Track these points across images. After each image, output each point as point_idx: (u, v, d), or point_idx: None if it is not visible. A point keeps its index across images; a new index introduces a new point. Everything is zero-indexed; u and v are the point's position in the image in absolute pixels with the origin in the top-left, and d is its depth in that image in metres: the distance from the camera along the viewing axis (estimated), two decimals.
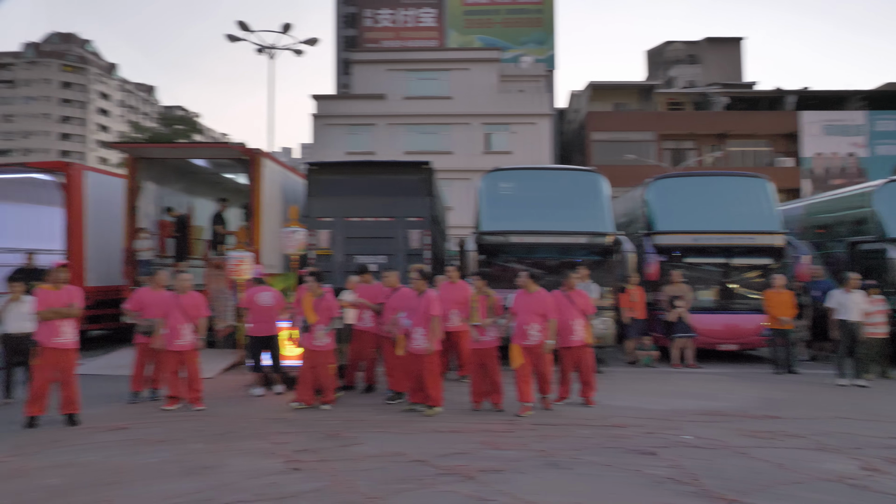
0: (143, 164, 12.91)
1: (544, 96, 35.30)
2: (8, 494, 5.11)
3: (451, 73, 33.99)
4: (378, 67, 34.93)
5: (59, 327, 7.49)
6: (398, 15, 44.57)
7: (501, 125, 33.50)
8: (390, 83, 34.12)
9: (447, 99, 33.74)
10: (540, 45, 45.57)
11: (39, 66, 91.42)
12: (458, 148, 32.92)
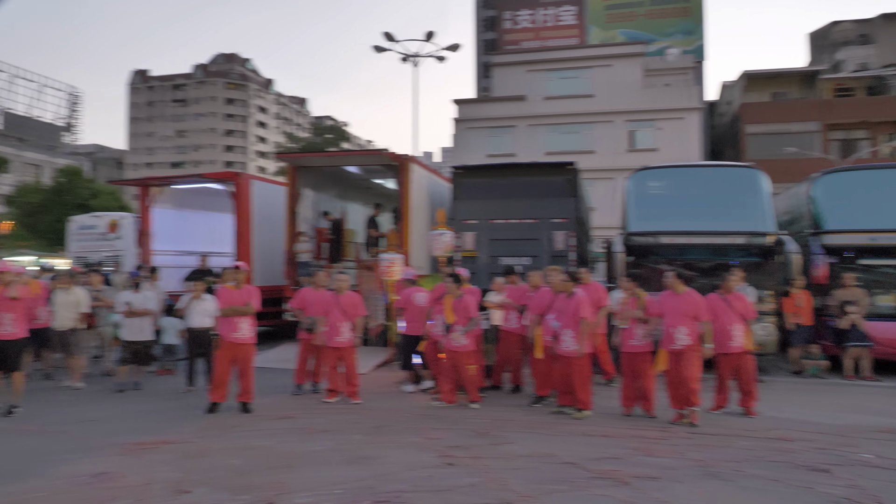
0: (303, 172, 13.82)
1: (693, 89, 33.69)
2: (197, 471, 5.69)
3: (593, 70, 33.35)
4: (518, 69, 34.99)
5: (237, 323, 8.23)
6: (537, 15, 44.38)
7: (646, 122, 32.39)
8: (530, 84, 34.07)
9: (589, 97, 33.14)
10: (687, 35, 43.57)
11: (207, 86, 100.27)
12: (601, 147, 32.22)
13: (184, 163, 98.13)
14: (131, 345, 9.65)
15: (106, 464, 5.86)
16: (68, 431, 7.07)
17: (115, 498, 5.01)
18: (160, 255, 14.89)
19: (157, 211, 14.99)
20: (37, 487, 5.25)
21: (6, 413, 7.70)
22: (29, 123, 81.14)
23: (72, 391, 9.38)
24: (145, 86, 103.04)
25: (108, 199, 37.81)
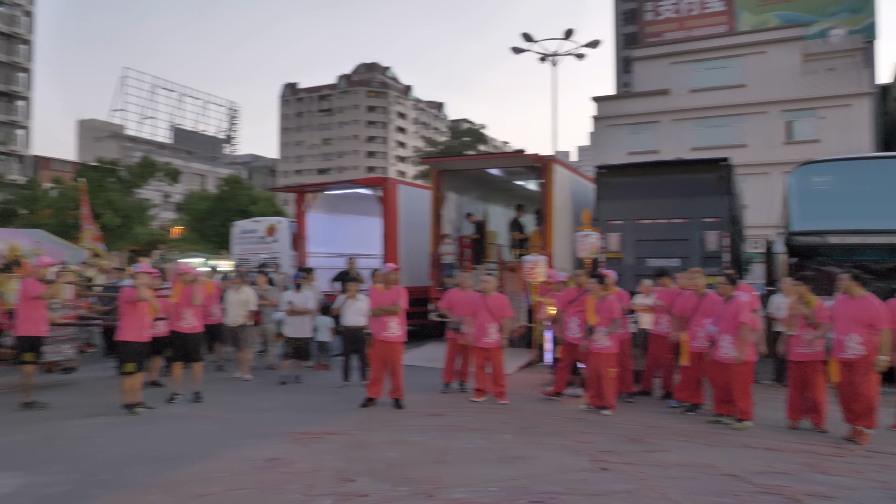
0: (446, 175, 14.14)
1: (862, 73, 30.67)
2: (359, 461, 6.00)
3: (744, 58, 31.35)
4: (661, 62, 33.65)
5: (386, 322, 8.59)
6: (682, 4, 42.41)
7: (806, 111, 29.95)
8: (674, 77, 32.65)
9: (740, 87, 31.19)
10: (854, 13, 39.78)
11: (350, 95, 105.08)
12: (753, 140, 30.22)
13: (329, 169, 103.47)
14: (292, 341, 10.36)
15: (277, 450, 6.34)
16: (242, 419, 7.70)
17: (287, 482, 5.40)
18: (313, 257, 15.81)
19: (311, 215, 15.93)
20: (218, 468, 5.77)
21: (169, 399, 8.54)
22: (195, 137, 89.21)
23: (241, 382, 10.20)
24: (294, 98, 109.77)
25: (266, 205, 40.67)
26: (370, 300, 8.84)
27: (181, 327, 8.49)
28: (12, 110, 59.71)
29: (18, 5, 60.34)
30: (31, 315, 8.05)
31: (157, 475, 5.55)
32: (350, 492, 5.18)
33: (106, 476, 5.52)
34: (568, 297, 9.19)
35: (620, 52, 48.73)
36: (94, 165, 39.79)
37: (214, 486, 5.27)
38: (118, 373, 7.86)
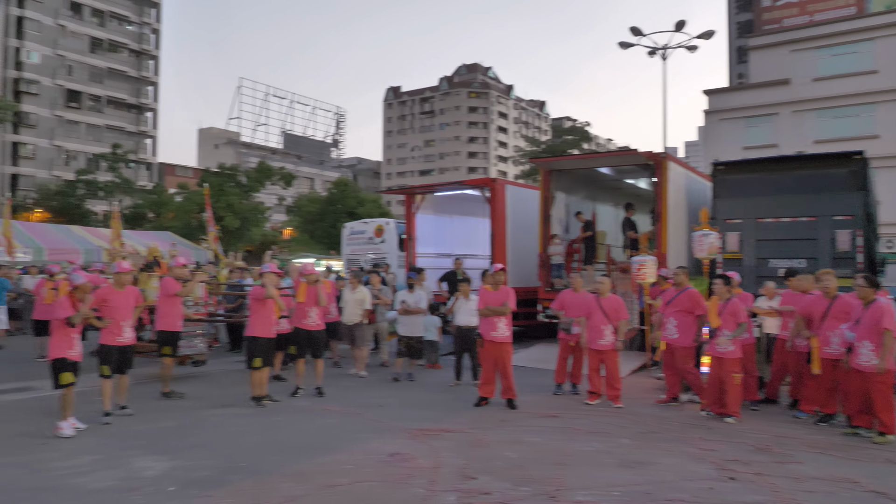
0: (555, 175, 14.02)
1: None
2: (478, 460, 6.07)
3: (876, 42, 29.07)
4: (780, 50, 31.81)
5: (495, 323, 8.63)
6: None
7: None
8: (795, 65, 30.76)
9: (871, 74, 28.96)
10: None
11: (451, 96, 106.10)
12: (887, 131, 27.98)
13: (431, 170, 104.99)
14: (405, 339, 10.60)
15: (397, 445, 6.51)
16: (361, 414, 7.96)
17: (410, 476, 5.54)
18: (421, 257, 16.10)
19: (419, 216, 16.22)
20: (343, 461, 6.00)
21: (293, 393, 8.92)
22: (304, 142, 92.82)
23: (357, 378, 10.54)
24: (397, 101, 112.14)
25: (372, 207, 41.90)
26: (479, 300, 8.92)
27: (307, 325, 8.88)
28: (142, 121, 64.46)
29: (147, 23, 65.07)
30: (170, 311, 8.67)
31: (287, 464, 5.84)
32: (472, 489, 5.24)
33: (242, 463, 5.87)
34: (666, 297, 8.93)
35: (734, 41, 46.45)
36: (216, 171, 42.33)
37: (341, 478, 5.48)
38: (247, 367, 8.32)
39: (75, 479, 5.35)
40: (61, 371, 6.75)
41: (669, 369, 8.86)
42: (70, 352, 6.85)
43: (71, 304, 6.82)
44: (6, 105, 44.68)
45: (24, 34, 55.81)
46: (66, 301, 6.83)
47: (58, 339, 6.82)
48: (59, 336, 6.82)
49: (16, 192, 51.95)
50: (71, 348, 6.87)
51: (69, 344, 6.87)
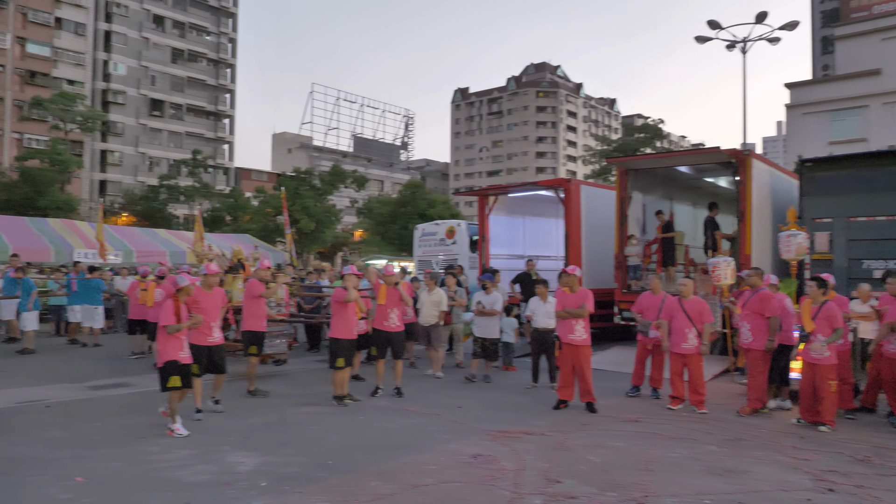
0: (632, 174, 13.75)
1: None
2: (562, 463, 6.02)
3: None
4: (869, 39, 30.19)
5: (573, 325, 8.53)
6: None
7: None
8: (886, 54, 29.13)
9: None
10: None
11: (519, 96, 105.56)
12: None
13: (499, 171, 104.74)
14: (480, 341, 10.61)
15: (479, 447, 6.53)
16: (440, 415, 8.01)
17: (495, 479, 5.54)
18: (495, 258, 16.08)
19: (492, 217, 16.20)
20: (427, 461, 6.05)
21: (373, 393, 9.05)
22: (374, 145, 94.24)
23: (434, 379, 10.62)
24: (465, 102, 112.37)
25: (442, 208, 42.10)
26: (557, 302, 8.85)
27: (387, 327, 9.00)
28: (219, 128, 66.94)
29: (224, 33, 67.53)
30: (255, 312, 8.95)
31: (372, 463, 5.94)
32: (558, 493, 5.20)
33: (329, 460, 6.01)
34: (742, 299, 8.62)
35: (818, 31, 44.43)
36: (292, 175, 43.51)
37: (426, 478, 5.54)
38: (329, 367, 8.51)
39: (174, 473, 5.60)
40: (171, 374, 6.87)
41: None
42: (181, 353, 6.96)
43: (175, 307, 6.91)
44: (96, 115, 47.19)
45: (111, 47, 58.90)
46: (170, 306, 6.92)
47: (166, 342, 6.93)
48: (168, 338, 6.92)
49: (104, 197, 54.85)
50: (181, 349, 6.98)
51: (179, 346, 6.96)
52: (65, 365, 11.50)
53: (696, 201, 17.07)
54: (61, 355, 12.74)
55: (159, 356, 6.97)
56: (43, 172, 37.92)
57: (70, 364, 11.60)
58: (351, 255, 59.11)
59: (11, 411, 7.91)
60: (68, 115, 43.55)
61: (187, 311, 7.03)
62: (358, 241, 52.89)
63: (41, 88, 50.83)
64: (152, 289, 11.42)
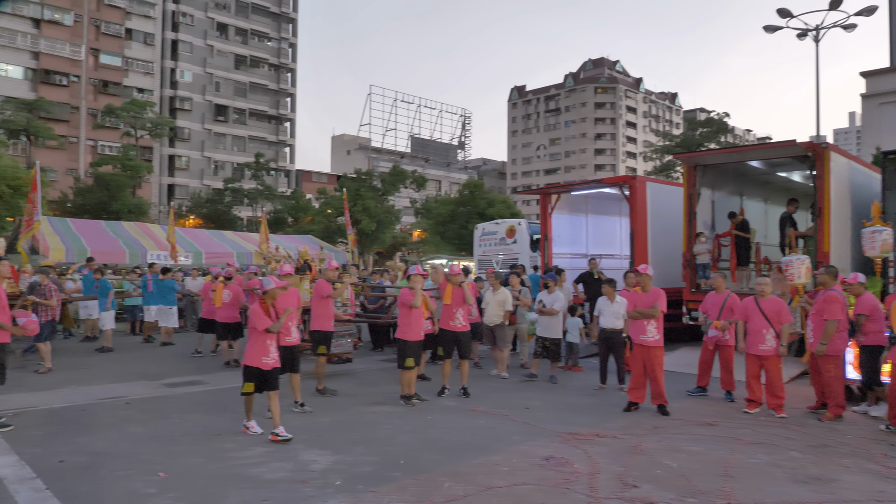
0: (700, 170, 13.35)
1: None
2: (636, 467, 5.87)
3: None
4: None
5: (644, 326, 8.33)
6: None
7: None
8: None
9: None
10: None
11: (577, 93, 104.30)
12: None
13: (557, 169, 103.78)
14: (542, 340, 10.49)
15: (551, 449, 6.43)
16: (508, 415, 7.94)
17: (569, 482, 5.44)
18: (557, 257, 15.89)
19: (554, 216, 16.00)
20: (498, 462, 6.00)
21: (439, 393, 9.03)
22: (430, 145, 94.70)
23: (499, 379, 10.55)
24: (522, 100, 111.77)
25: (502, 207, 41.94)
26: (627, 303, 8.67)
27: (453, 327, 8.98)
28: (280, 131, 68.44)
29: (284, 38, 69.01)
30: (323, 312, 9.06)
31: (444, 464, 5.92)
32: (636, 498, 5.07)
33: (401, 460, 6.02)
34: (816, 299, 8.25)
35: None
36: (353, 176, 44.14)
37: (499, 480, 5.48)
38: (398, 367, 8.54)
39: (251, 470, 5.71)
40: (248, 380, 6.81)
41: (816, 377, 8.35)
42: (265, 359, 6.81)
43: (264, 311, 6.85)
44: (164, 121, 49.01)
45: (178, 55, 60.98)
46: (260, 309, 6.82)
47: (253, 345, 6.84)
48: (255, 342, 6.82)
49: (172, 200, 56.82)
50: (266, 355, 6.82)
51: (264, 350, 6.83)
52: (140, 363, 11.92)
53: (768, 197, 16.48)
54: (137, 354, 13.22)
55: (245, 357, 6.91)
56: (116, 177, 39.59)
57: (145, 362, 12.02)
58: (409, 255, 59.58)
59: (95, 407, 8.23)
60: (139, 122, 45.33)
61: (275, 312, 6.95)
62: (416, 241, 53.23)
63: (113, 97, 53.12)
64: (220, 290, 11.72)
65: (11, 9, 50.18)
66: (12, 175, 28.33)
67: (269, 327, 6.78)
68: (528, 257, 21.48)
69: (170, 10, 60.67)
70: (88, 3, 54.57)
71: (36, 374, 10.53)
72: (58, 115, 50.05)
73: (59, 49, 52.55)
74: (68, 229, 18.79)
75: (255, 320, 6.76)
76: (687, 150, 46.36)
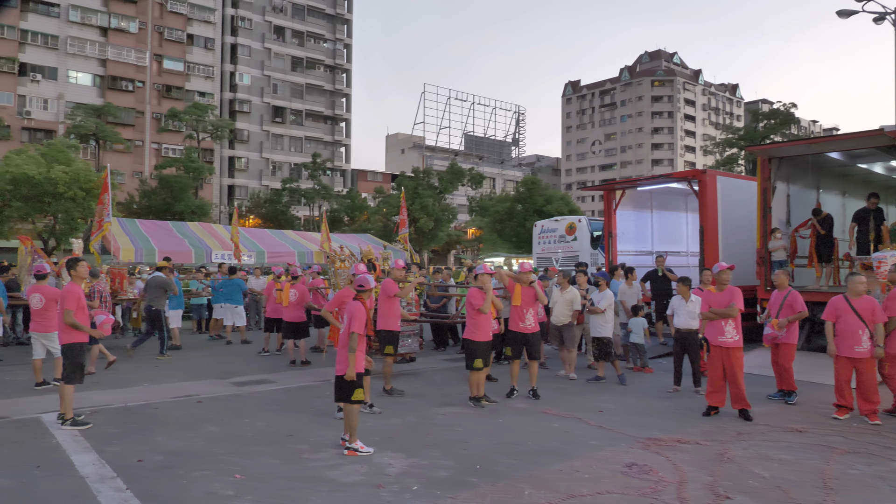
0: (775, 163, 12.77)
1: None
2: (725, 476, 5.55)
3: None
4: None
5: (722, 326, 7.95)
6: None
7: None
8: None
9: None
10: None
11: (633, 87, 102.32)
12: None
13: (612, 165, 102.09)
14: (596, 340, 10.21)
15: (631, 455, 6.17)
16: (582, 418, 7.68)
17: (656, 491, 5.18)
18: (622, 255, 15.49)
19: (619, 212, 15.60)
20: (578, 468, 5.77)
21: (508, 394, 8.83)
22: (484, 142, 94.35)
23: (568, 381, 10.28)
24: (576, 95, 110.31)
25: (560, 204, 41.35)
26: (702, 302, 8.30)
27: (523, 328, 8.76)
28: (336, 131, 69.27)
29: (339, 39, 69.78)
30: (390, 312, 8.96)
31: (522, 469, 5.74)
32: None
33: (477, 465, 5.86)
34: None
35: None
36: (410, 175, 44.33)
37: (582, 488, 5.26)
38: (466, 368, 8.38)
39: (327, 472, 5.63)
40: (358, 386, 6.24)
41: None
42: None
43: (366, 311, 6.34)
44: (225, 124, 50.17)
45: (237, 59, 62.36)
46: (361, 310, 6.33)
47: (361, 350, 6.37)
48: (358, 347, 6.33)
49: (232, 201, 58.15)
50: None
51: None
52: (208, 361, 12.10)
53: (847, 190, 15.69)
54: (204, 352, 13.44)
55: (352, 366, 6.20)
56: (179, 179, 40.72)
57: (213, 360, 12.19)
58: (463, 253, 59.43)
59: (168, 406, 8.35)
60: (201, 124, 46.53)
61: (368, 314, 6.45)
62: (470, 239, 53.07)
63: (176, 101, 54.71)
64: (287, 289, 11.80)
65: (81, 18, 52.24)
66: (85, 178, 29.41)
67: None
68: (588, 255, 21.07)
69: (229, 14, 62.09)
70: (152, 11, 56.33)
71: (105, 370, 10.75)
72: (124, 120, 51.87)
73: (125, 56, 54.42)
74: (137, 230, 19.32)
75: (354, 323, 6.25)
76: (751, 142, 44.81)
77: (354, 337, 6.25)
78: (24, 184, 28.77)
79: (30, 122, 49.98)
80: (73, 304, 7.16)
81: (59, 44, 51.59)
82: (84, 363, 7.47)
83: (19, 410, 7.91)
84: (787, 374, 8.72)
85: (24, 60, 50.05)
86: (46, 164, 29.35)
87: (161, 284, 12.45)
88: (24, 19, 50.29)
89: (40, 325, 8.98)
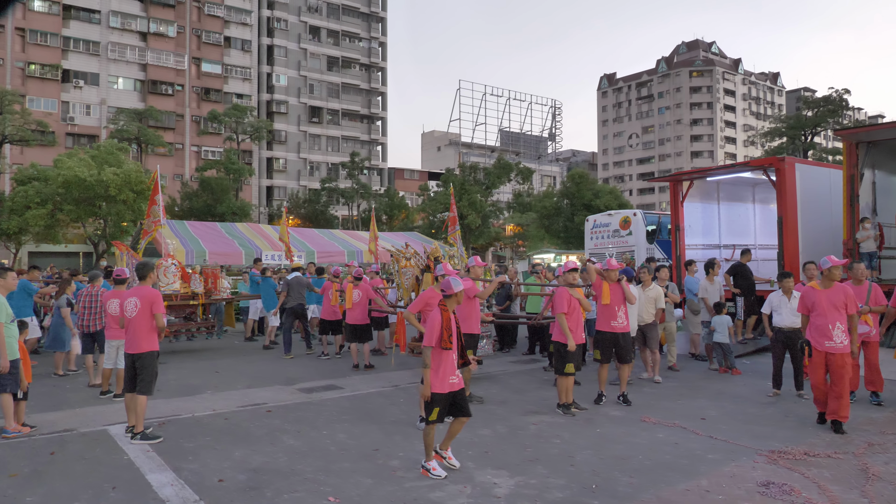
0: (863, 148, 11.92)
1: None
2: (880, 498, 4.89)
3: None
4: None
5: (829, 330, 7.23)
6: None
7: None
8: None
9: None
10: None
11: (670, 78, 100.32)
12: None
13: (650, 158, 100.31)
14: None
15: (761, 471, 5.53)
16: (686, 427, 7.05)
17: None
18: (690, 249, 14.75)
19: (686, 205, 14.85)
20: (708, 488, 5.15)
21: (596, 400, 8.25)
22: (520, 138, 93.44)
23: (653, 384, 9.64)
24: (612, 88, 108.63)
25: (609, 198, 40.35)
26: (805, 299, 7.58)
27: (615, 327, 8.14)
28: (373, 130, 69.12)
29: (374, 38, 69.59)
30: (469, 314, 8.38)
31: (645, 489, 5.15)
32: None
33: (593, 484, 5.28)
34: None
35: None
36: (455, 172, 43.86)
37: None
38: (555, 372, 7.81)
39: (429, 494, 5.11)
40: (435, 405, 5.52)
41: None
42: (452, 378, 5.58)
43: (445, 320, 5.58)
44: (263, 125, 50.28)
45: (273, 60, 62.57)
46: (438, 319, 5.60)
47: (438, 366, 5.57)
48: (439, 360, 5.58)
49: (271, 202, 58.34)
50: (453, 373, 5.61)
51: (452, 369, 5.61)
52: (270, 366, 11.72)
53: None
54: (264, 356, 13.07)
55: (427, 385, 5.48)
56: (220, 181, 40.84)
57: (275, 365, 11.81)
58: (503, 250, 58.73)
59: (238, 415, 7.93)
60: (240, 126, 46.66)
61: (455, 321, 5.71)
62: (509, 236, 52.34)
63: (215, 104, 55.09)
64: (350, 290, 11.35)
65: (121, 24, 52.88)
66: (136, 180, 29.54)
67: None
68: (643, 250, 20.31)
69: (265, 16, 62.33)
70: (190, 14, 56.78)
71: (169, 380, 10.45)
72: (165, 123, 52.37)
73: (165, 60, 54.95)
74: (187, 232, 19.16)
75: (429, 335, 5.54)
76: (800, 131, 43.34)
77: (427, 352, 5.54)
78: (76, 186, 29.00)
79: (73, 127, 50.78)
80: (161, 307, 6.85)
81: (100, 50, 52.30)
82: (157, 372, 7.09)
83: (85, 422, 7.57)
84: (878, 374, 8.05)
85: (67, 67, 50.86)
86: (97, 166, 29.56)
87: (305, 284, 13.09)
88: (67, 27, 51.09)
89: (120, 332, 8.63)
